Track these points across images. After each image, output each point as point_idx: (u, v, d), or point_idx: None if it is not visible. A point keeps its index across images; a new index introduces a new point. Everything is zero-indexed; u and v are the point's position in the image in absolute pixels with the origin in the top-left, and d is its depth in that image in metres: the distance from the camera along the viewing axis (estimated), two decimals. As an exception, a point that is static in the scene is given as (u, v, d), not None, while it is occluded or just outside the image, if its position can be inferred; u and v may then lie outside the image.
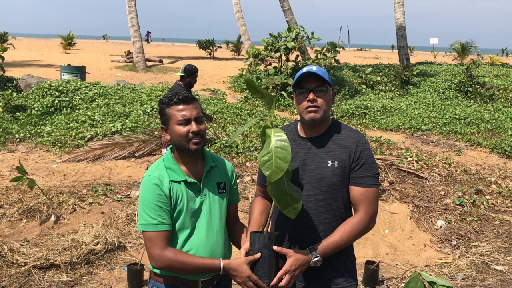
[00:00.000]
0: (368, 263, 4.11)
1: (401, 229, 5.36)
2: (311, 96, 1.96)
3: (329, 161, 1.99)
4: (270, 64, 13.88)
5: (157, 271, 1.97)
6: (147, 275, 3.85)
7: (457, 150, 8.14)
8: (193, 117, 1.94)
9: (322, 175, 1.98)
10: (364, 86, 14.10)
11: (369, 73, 14.68)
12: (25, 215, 4.90)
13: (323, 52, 13.42)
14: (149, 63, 20.56)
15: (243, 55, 22.75)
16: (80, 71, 13.75)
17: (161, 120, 2.02)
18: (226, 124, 9.43)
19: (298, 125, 2.12)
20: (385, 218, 5.53)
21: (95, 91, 10.88)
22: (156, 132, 7.70)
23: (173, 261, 1.87)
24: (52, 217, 4.89)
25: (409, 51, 26.36)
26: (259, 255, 1.88)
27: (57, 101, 9.96)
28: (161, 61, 21.91)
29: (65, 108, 9.85)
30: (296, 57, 13.51)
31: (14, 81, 11.70)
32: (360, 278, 4.06)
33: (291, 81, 12.09)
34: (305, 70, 1.98)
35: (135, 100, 10.55)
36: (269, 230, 1.96)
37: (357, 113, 11.04)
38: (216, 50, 28.77)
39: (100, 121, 8.85)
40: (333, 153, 2.00)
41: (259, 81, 13.17)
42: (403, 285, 4.03)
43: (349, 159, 1.99)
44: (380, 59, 29.24)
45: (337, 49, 13.34)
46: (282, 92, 2.16)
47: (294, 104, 2.08)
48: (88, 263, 4.10)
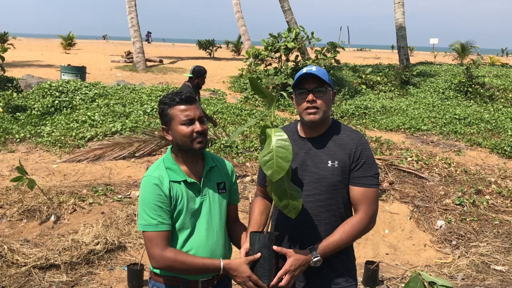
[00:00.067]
0: (368, 263, 4.11)
1: (401, 229, 5.37)
2: (310, 97, 1.96)
3: (329, 161, 1.99)
4: (270, 64, 13.88)
5: (157, 271, 1.97)
6: (147, 275, 3.85)
7: (457, 150, 8.14)
8: (197, 117, 1.95)
9: (322, 175, 1.98)
10: (364, 86, 14.10)
11: (369, 73, 14.68)
12: (25, 215, 4.90)
13: (323, 52, 13.42)
14: (149, 63, 20.56)
15: (243, 55, 22.73)
16: (80, 71, 13.76)
17: (162, 121, 2.00)
18: (226, 124, 9.44)
19: (298, 125, 2.12)
20: (385, 218, 5.54)
21: (95, 91, 10.89)
22: (156, 132, 7.70)
23: (173, 261, 1.87)
24: (52, 217, 4.89)
25: (409, 51, 26.38)
26: (259, 255, 1.88)
27: (57, 101, 9.97)
28: (161, 61, 21.91)
29: (65, 108, 9.86)
30: (296, 57, 13.51)
31: (14, 81, 11.69)
32: (360, 278, 4.06)
33: (291, 81, 12.10)
34: (304, 70, 1.98)
35: (135, 100, 10.55)
36: (269, 230, 1.96)
37: (357, 113, 11.04)
38: (216, 50, 28.78)
39: (100, 121, 8.86)
40: (333, 153, 2.00)
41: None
42: (403, 285, 4.03)
43: (349, 159, 1.99)
44: (380, 59, 29.24)
45: (337, 49, 13.35)
46: (282, 92, 2.16)
47: (294, 105, 2.09)
48: (88, 263, 4.10)
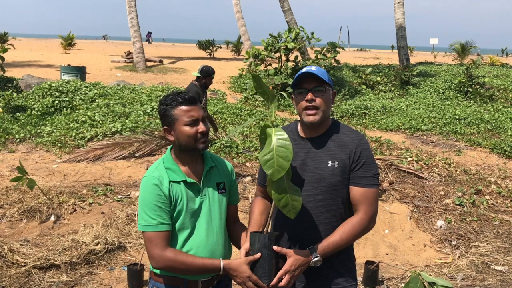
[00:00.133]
0: (368, 263, 4.11)
1: (401, 229, 5.37)
2: (309, 96, 1.97)
3: (329, 161, 1.99)
4: (270, 65, 13.88)
5: (157, 271, 1.97)
6: (147, 275, 3.85)
7: (457, 150, 8.14)
8: (200, 117, 1.95)
9: (322, 175, 1.98)
10: (364, 86, 14.10)
11: (369, 73, 14.68)
12: (25, 215, 4.90)
13: (323, 52, 13.43)
14: (149, 64, 20.57)
15: (243, 56, 22.75)
16: (80, 72, 13.76)
17: (165, 122, 1.98)
18: (226, 125, 9.44)
19: (298, 125, 2.12)
20: (385, 218, 5.54)
21: (95, 91, 10.89)
22: (156, 133, 7.70)
23: (173, 261, 1.87)
24: (52, 217, 4.89)
25: (409, 51, 26.37)
26: (259, 255, 1.88)
27: (57, 102, 9.97)
28: (161, 61, 21.92)
29: (65, 109, 9.86)
30: (296, 57, 13.51)
31: (14, 81, 11.69)
32: (360, 278, 4.06)
33: (291, 81, 12.09)
34: (304, 70, 1.99)
35: (135, 100, 10.55)
36: (269, 230, 1.96)
37: (357, 113, 11.04)
38: (216, 50, 28.79)
39: (100, 121, 8.86)
40: (333, 153, 2.00)
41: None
42: (403, 285, 4.03)
43: (349, 159, 1.99)
44: (380, 59, 29.25)
45: (337, 49, 13.35)
46: (282, 93, 2.16)
47: (293, 105, 2.09)
48: (88, 263, 4.10)
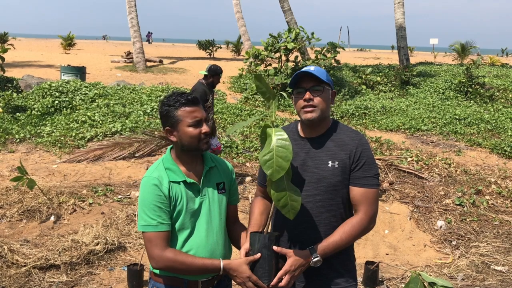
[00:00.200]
0: (368, 263, 4.11)
1: (401, 230, 5.36)
2: (307, 95, 1.97)
3: (329, 162, 1.99)
4: (270, 65, 13.88)
5: (157, 271, 1.97)
6: (147, 275, 3.85)
7: (457, 151, 8.14)
8: (203, 118, 1.96)
9: (322, 176, 1.98)
10: (364, 87, 14.10)
11: (369, 73, 14.68)
12: (25, 215, 4.90)
13: (323, 52, 13.42)
14: (149, 64, 20.57)
15: (243, 56, 22.74)
16: (80, 72, 13.76)
17: (167, 123, 1.96)
18: (226, 125, 9.43)
19: (299, 125, 2.13)
20: (385, 218, 5.53)
21: (95, 91, 10.88)
22: (156, 133, 7.70)
23: (173, 261, 1.87)
24: (52, 218, 4.89)
25: (409, 51, 26.37)
26: (259, 255, 1.88)
27: (57, 102, 9.97)
28: (161, 61, 21.92)
29: (65, 109, 9.86)
30: (296, 57, 13.51)
31: (14, 81, 11.69)
32: (360, 279, 4.06)
33: (291, 81, 12.11)
34: (302, 70, 2.01)
35: (135, 100, 10.55)
36: (269, 230, 1.96)
37: (357, 114, 11.04)
38: (216, 50, 28.80)
39: (100, 122, 8.86)
40: (333, 153, 2.00)
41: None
42: (403, 285, 4.03)
43: (349, 160, 1.99)
44: (380, 59, 29.25)
45: (337, 49, 13.35)
46: (282, 93, 2.17)
47: (293, 104, 2.10)
48: (88, 263, 4.10)
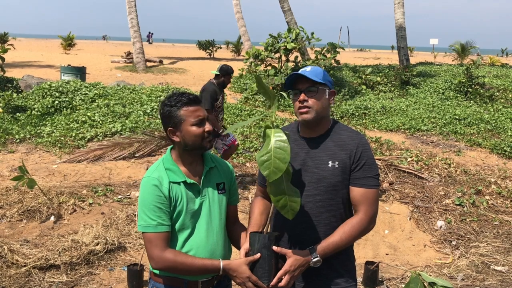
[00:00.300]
0: (368, 263, 4.11)
1: (401, 230, 5.37)
2: (301, 97, 1.99)
3: (330, 162, 1.99)
4: (270, 65, 13.88)
5: (157, 271, 1.97)
6: (147, 275, 3.85)
7: (457, 151, 8.14)
8: (206, 116, 1.97)
9: (322, 176, 1.99)
10: (364, 87, 14.09)
11: (369, 73, 14.68)
12: (25, 215, 4.90)
13: (323, 52, 13.42)
14: (149, 64, 20.59)
15: (243, 56, 22.75)
16: (80, 72, 13.76)
17: (169, 123, 1.95)
18: (226, 125, 9.43)
19: (299, 125, 2.13)
20: (385, 218, 5.54)
21: (95, 91, 10.88)
22: (156, 133, 7.71)
23: (173, 262, 1.87)
24: (52, 218, 4.89)
25: (409, 51, 26.38)
26: (258, 255, 1.88)
27: (57, 102, 9.97)
28: (161, 61, 21.94)
29: (65, 109, 9.86)
30: (296, 57, 13.51)
31: (14, 81, 11.69)
32: (360, 279, 4.06)
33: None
34: (296, 72, 2.02)
35: (135, 100, 10.55)
36: (269, 231, 1.96)
37: (357, 114, 11.04)
38: (216, 50, 28.83)
39: (100, 122, 8.86)
40: (333, 153, 2.01)
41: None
42: (403, 285, 4.03)
43: (349, 160, 1.99)
44: (380, 59, 29.27)
45: (337, 49, 13.34)
46: (282, 93, 2.16)
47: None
48: (88, 263, 4.10)
